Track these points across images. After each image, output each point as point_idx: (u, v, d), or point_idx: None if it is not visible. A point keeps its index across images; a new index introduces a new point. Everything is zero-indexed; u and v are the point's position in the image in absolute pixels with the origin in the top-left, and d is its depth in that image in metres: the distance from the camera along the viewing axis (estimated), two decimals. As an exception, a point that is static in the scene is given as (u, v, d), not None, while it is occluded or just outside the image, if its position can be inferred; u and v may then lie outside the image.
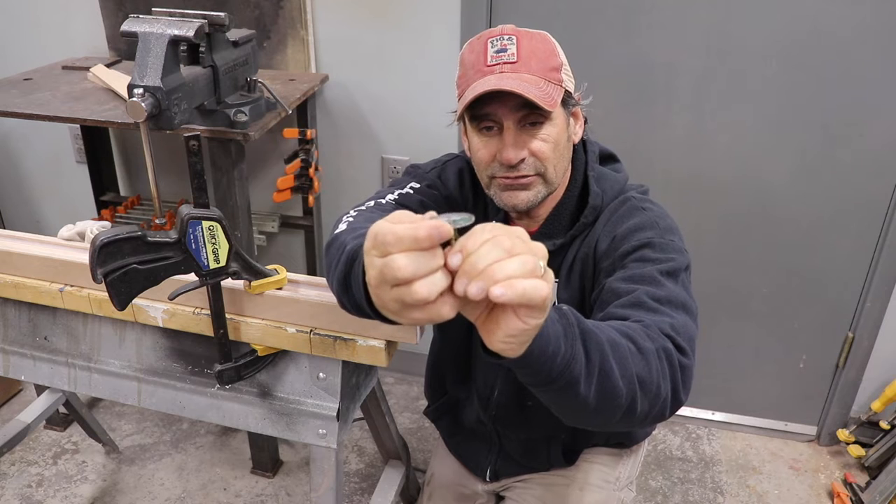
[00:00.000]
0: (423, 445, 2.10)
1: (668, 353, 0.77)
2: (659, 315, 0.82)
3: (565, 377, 0.65)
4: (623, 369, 0.70)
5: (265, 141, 2.05)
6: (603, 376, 0.68)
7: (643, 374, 0.72)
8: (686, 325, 0.83)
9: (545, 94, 0.93)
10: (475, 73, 0.96)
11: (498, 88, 0.90)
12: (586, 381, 0.67)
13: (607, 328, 0.73)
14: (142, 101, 1.24)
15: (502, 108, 0.95)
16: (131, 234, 0.87)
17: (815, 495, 1.96)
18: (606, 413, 0.72)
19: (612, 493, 1.25)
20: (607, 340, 0.70)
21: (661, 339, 0.77)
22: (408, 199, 1.07)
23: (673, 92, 1.82)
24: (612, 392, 0.69)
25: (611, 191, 1.06)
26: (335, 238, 0.90)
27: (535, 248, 0.56)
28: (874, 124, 1.74)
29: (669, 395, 0.75)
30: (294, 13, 1.90)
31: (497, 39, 0.96)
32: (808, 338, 2.04)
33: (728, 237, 1.96)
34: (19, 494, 1.90)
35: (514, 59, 0.94)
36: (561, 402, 0.71)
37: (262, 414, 1.13)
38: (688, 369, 0.78)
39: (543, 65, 0.95)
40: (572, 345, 0.65)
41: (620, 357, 0.70)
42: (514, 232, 0.56)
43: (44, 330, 1.20)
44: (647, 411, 0.74)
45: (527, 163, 0.97)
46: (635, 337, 0.75)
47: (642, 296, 0.85)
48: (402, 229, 0.52)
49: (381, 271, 0.54)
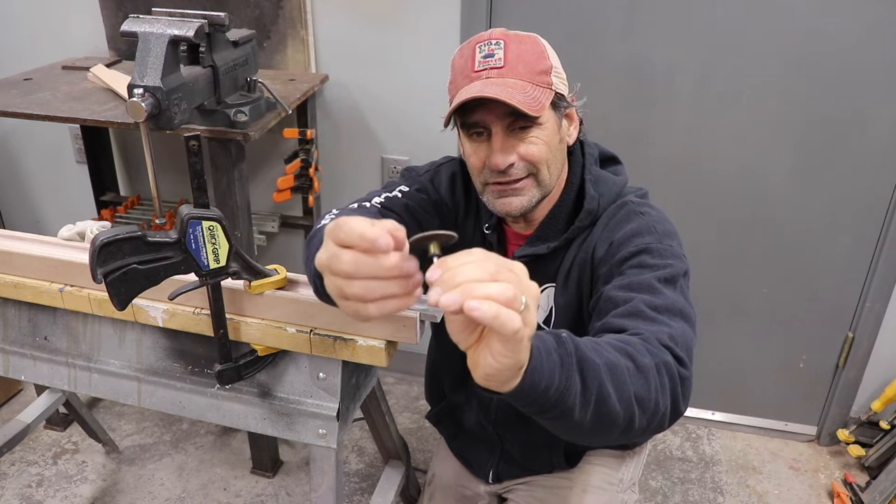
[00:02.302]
0: (423, 445, 2.10)
1: (668, 367, 0.76)
2: (657, 325, 0.81)
3: (559, 408, 0.65)
4: (620, 392, 0.69)
5: (265, 141, 2.04)
6: (599, 402, 0.67)
7: (641, 393, 0.71)
8: (684, 334, 0.82)
9: (531, 98, 0.92)
10: (463, 79, 0.96)
11: (481, 96, 0.90)
12: (581, 409, 0.66)
13: (606, 348, 0.72)
14: (142, 101, 1.24)
15: (489, 114, 0.95)
16: (131, 234, 0.87)
17: (815, 495, 1.96)
18: (603, 433, 0.73)
19: (616, 494, 1.25)
20: (605, 365, 0.69)
21: (660, 353, 0.77)
22: (393, 202, 1.07)
23: (673, 92, 1.82)
24: (608, 416, 0.69)
25: (608, 194, 1.06)
26: (317, 232, 0.93)
27: (526, 285, 0.56)
28: (874, 124, 1.74)
29: (668, 409, 0.75)
30: (294, 13, 1.90)
31: (485, 44, 0.96)
32: (808, 338, 2.04)
33: (728, 237, 1.96)
34: (19, 494, 1.90)
35: (500, 63, 0.94)
36: (556, 426, 0.71)
37: (262, 414, 1.13)
38: (687, 381, 0.78)
39: (531, 69, 0.95)
40: (568, 376, 0.64)
41: (618, 381, 0.69)
42: (507, 263, 0.56)
43: (44, 330, 1.20)
44: (646, 426, 0.74)
45: (517, 166, 0.97)
46: (634, 354, 0.74)
47: (640, 305, 0.84)
48: (356, 223, 0.56)
49: (329, 258, 0.58)
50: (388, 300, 0.58)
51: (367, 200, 1.06)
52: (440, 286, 0.53)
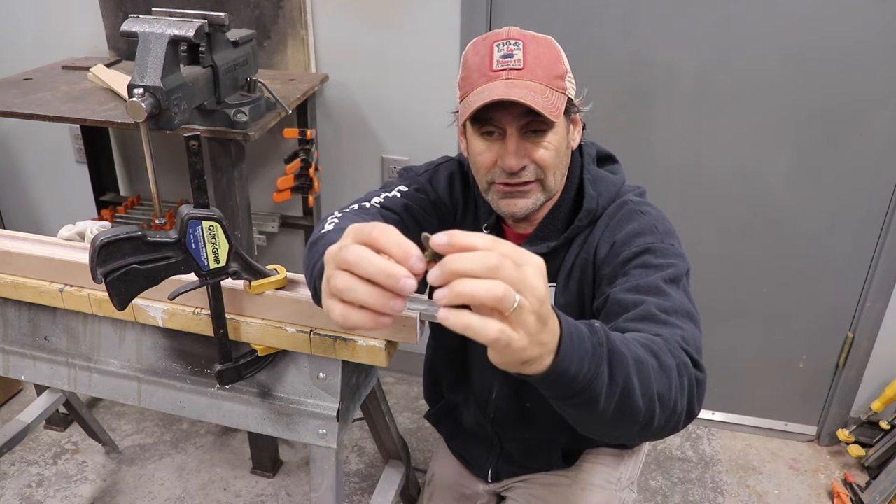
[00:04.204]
0: (423, 445, 2.10)
1: (687, 368, 0.76)
2: (670, 327, 0.81)
3: (585, 395, 0.64)
4: (645, 388, 0.69)
5: (265, 141, 2.05)
6: (624, 395, 0.67)
7: (663, 392, 0.72)
8: (694, 336, 0.82)
9: (550, 103, 0.92)
10: (480, 77, 0.95)
11: (507, 98, 0.90)
12: (606, 399, 0.66)
13: (633, 343, 0.72)
14: (142, 101, 1.24)
15: (507, 115, 0.94)
16: (131, 234, 0.87)
17: (815, 495, 1.96)
18: (623, 428, 0.72)
19: (614, 493, 1.25)
20: (633, 358, 0.69)
21: (680, 355, 0.77)
22: (393, 202, 1.07)
23: (673, 92, 1.82)
24: (631, 410, 0.69)
25: (606, 193, 1.06)
26: (321, 237, 0.91)
27: (530, 283, 0.54)
28: (874, 124, 1.73)
29: (685, 410, 0.75)
30: (294, 13, 1.90)
31: (503, 44, 0.95)
32: (808, 338, 2.04)
33: (728, 237, 1.96)
34: (19, 494, 1.90)
35: (520, 65, 0.93)
36: (578, 415, 0.70)
37: (262, 414, 1.13)
38: (702, 384, 0.78)
39: (548, 73, 0.95)
40: (598, 364, 0.64)
41: (644, 376, 0.70)
42: (518, 255, 0.55)
43: (44, 330, 1.20)
44: (663, 425, 0.74)
45: (528, 169, 0.97)
46: (659, 353, 0.74)
47: (652, 308, 0.84)
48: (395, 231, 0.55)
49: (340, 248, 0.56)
50: (365, 312, 0.56)
51: (366, 200, 1.06)
52: (438, 270, 0.52)
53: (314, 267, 0.87)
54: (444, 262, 0.52)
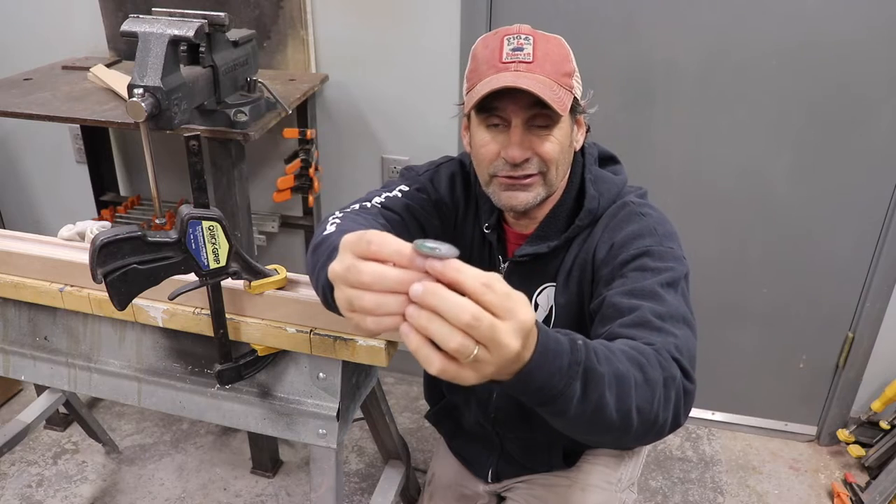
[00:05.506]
0: (423, 445, 2.10)
1: (675, 381, 0.76)
2: (663, 334, 0.81)
3: (551, 406, 0.65)
4: (621, 403, 0.69)
5: (265, 141, 2.04)
6: (598, 410, 0.67)
7: (644, 405, 0.72)
8: (688, 343, 0.83)
9: (557, 97, 0.93)
10: (489, 69, 0.96)
11: (515, 86, 0.91)
12: (577, 411, 0.66)
13: (619, 357, 0.72)
14: (142, 101, 1.24)
15: (513, 105, 0.95)
16: (131, 234, 0.87)
17: (815, 495, 1.96)
18: (597, 436, 0.74)
19: (614, 494, 1.25)
20: (613, 375, 0.69)
21: (669, 367, 0.77)
22: (394, 202, 1.07)
23: (673, 92, 1.82)
24: (604, 421, 0.69)
25: (608, 194, 1.06)
26: (324, 239, 0.91)
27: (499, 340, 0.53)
28: (874, 124, 1.73)
29: (669, 421, 0.76)
30: (294, 13, 1.90)
31: (514, 37, 0.96)
32: (808, 338, 2.04)
33: (728, 237, 1.96)
34: (19, 494, 1.90)
35: (529, 59, 0.94)
36: (551, 420, 0.71)
37: (262, 414, 1.13)
38: (690, 395, 0.78)
39: (557, 69, 0.96)
40: (569, 382, 0.64)
41: (622, 392, 0.69)
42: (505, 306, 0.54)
43: (44, 330, 1.20)
44: (643, 434, 0.74)
45: (531, 162, 0.98)
46: (645, 366, 0.74)
47: (647, 314, 0.84)
48: (391, 238, 0.56)
49: (345, 269, 0.57)
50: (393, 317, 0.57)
51: (367, 200, 1.06)
52: (421, 289, 0.53)
53: (319, 271, 0.86)
54: (427, 292, 0.53)
